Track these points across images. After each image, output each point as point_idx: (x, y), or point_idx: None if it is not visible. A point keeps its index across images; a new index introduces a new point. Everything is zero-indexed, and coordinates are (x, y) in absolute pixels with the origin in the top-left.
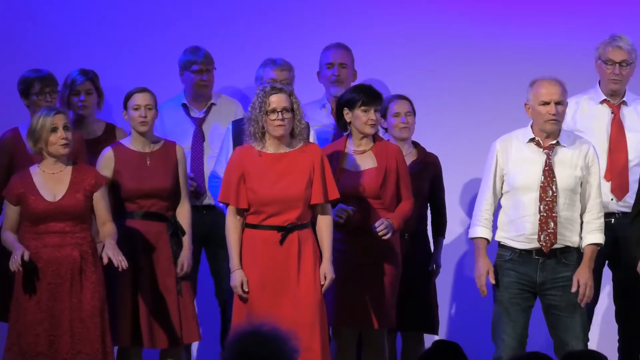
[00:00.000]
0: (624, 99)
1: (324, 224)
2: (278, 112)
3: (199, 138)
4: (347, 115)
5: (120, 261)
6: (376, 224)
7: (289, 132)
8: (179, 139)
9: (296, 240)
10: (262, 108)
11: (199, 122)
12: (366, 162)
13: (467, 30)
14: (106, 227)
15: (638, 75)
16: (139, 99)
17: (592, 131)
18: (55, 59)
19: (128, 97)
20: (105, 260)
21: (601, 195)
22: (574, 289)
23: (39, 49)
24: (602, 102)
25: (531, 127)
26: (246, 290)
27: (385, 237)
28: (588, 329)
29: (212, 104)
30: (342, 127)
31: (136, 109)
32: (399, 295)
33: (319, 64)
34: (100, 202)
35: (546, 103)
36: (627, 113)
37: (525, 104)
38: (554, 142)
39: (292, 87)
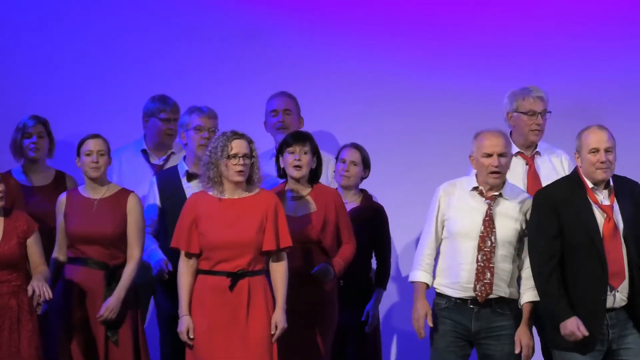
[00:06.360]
0: (537, 149)
1: (279, 272)
2: (239, 157)
3: None
4: (280, 161)
5: (44, 292)
6: (315, 269)
7: (247, 179)
8: (136, 184)
9: (246, 287)
10: (224, 152)
11: (157, 169)
12: (305, 207)
13: (410, 76)
14: (39, 269)
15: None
16: (92, 144)
17: None
18: (11, 108)
19: (81, 144)
20: (30, 292)
21: None
22: (517, 350)
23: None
24: (516, 154)
25: (476, 176)
26: (191, 337)
27: (324, 282)
28: None
29: (172, 152)
30: (280, 175)
31: (88, 155)
32: (344, 342)
33: (265, 113)
34: (33, 247)
35: (489, 155)
36: (541, 163)
37: (470, 156)
38: (497, 193)
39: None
